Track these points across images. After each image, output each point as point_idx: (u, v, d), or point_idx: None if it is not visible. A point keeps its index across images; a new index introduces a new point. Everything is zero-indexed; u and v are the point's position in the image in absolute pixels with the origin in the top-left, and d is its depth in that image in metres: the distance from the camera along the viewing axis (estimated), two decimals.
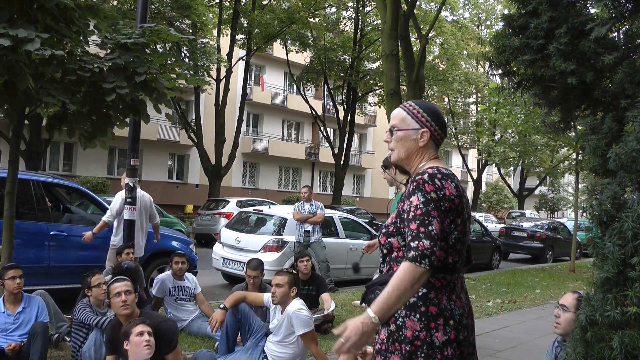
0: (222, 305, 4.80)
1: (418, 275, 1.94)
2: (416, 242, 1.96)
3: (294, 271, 4.68)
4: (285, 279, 4.47)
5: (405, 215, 2.07)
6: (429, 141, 2.24)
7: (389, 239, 2.16)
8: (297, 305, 4.42)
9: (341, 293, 8.65)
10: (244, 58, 24.46)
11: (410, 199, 2.06)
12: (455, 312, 2.07)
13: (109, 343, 3.85)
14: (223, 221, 15.06)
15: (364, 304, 2.21)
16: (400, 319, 2.05)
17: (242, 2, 24.00)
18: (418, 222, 2.00)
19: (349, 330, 1.92)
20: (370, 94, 29.53)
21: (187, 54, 21.29)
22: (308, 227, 8.94)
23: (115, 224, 6.84)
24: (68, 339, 4.96)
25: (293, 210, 9.18)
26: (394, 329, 2.07)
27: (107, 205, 7.52)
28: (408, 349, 2.02)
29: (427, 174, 2.08)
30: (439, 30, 25.56)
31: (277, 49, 29.98)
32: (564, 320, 3.13)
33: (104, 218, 6.77)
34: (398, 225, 2.13)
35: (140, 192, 7.07)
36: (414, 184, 2.09)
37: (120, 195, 6.86)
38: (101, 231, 6.76)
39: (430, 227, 1.98)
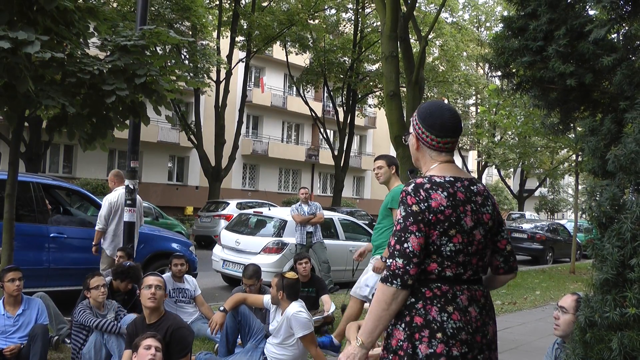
0: (222, 308, 4.80)
1: (390, 295, 1.91)
2: (390, 261, 1.93)
3: (294, 274, 4.68)
4: (275, 281, 4.53)
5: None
6: (421, 145, 2.12)
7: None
8: (296, 307, 4.42)
9: (341, 294, 8.64)
10: (244, 60, 24.48)
11: (398, 211, 2.03)
12: (447, 325, 1.95)
13: (129, 338, 3.88)
14: (223, 223, 15.08)
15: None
16: (390, 327, 2.04)
17: (242, 4, 24.02)
18: (396, 238, 1.95)
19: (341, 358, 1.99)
20: (370, 95, 29.54)
21: (187, 56, 21.30)
22: (310, 229, 8.93)
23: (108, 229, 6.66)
24: (68, 341, 4.96)
25: (291, 213, 9.13)
26: (386, 336, 2.07)
27: None
28: (391, 358, 2.00)
29: (412, 185, 2.00)
30: (438, 32, 25.57)
31: (277, 51, 29.98)
32: (563, 322, 3.13)
33: (97, 227, 6.61)
34: None
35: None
36: (400, 195, 2.03)
37: (107, 200, 6.69)
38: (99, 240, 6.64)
39: (405, 245, 1.92)
